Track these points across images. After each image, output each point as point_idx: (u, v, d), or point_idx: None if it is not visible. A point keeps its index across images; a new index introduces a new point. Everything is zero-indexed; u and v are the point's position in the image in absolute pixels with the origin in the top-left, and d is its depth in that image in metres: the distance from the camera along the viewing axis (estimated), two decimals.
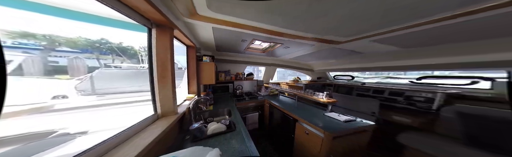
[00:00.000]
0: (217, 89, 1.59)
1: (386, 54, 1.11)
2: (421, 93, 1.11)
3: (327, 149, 0.69)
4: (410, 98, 1.17)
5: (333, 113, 0.93)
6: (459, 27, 0.62)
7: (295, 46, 1.19)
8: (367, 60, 1.33)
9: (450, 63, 0.88)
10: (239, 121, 0.78)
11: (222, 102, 1.23)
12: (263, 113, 1.44)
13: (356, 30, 0.78)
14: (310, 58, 1.69)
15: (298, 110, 1.01)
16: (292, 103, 1.25)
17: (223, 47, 1.29)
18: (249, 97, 1.47)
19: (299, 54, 1.49)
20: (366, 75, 1.95)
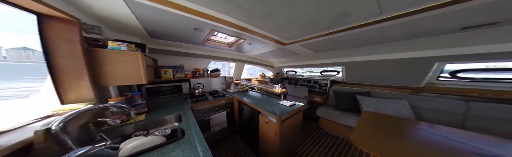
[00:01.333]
0: (159, 91, 1.08)
1: (307, 56, 1.63)
2: (323, 81, 1.84)
3: (279, 132, 0.78)
4: (320, 84, 1.86)
5: (284, 101, 1.04)
6: (339, 39, 0.97)
7: (257, 43, 1.19)
8: (300, 59, 1.83)
9: (333, 62, 1.59)
10: (192, 126, 0.64)
11: (167, 107, 0.93)
12: (232, 110, 1.34)
13: (293, 35, 0.94)
14: (270, 56, 1.84)
15: (262, 103, 1.03)
16: (259, 96, 1.25)
17: (163, 34, 0.92)
18: (213, 96, 1.26)
19: (261, 51, 1.55)
20: (304, 70, 2.64)
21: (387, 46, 1.05)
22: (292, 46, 1.27)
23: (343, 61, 1.48)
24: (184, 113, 0.85)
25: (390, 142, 0.57)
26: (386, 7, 0.57)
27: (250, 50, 1.53)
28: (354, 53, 1.30)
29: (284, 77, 2.59)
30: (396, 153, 0.50)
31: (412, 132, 0.66)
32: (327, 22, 0.71)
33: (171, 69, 1.18)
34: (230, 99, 1.33)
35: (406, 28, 0.74)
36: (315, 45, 1.20)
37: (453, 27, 0.72)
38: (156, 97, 1.07)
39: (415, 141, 0.59)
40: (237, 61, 1.89)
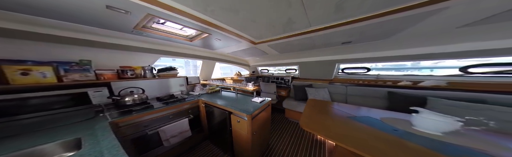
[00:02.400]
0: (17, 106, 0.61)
1: (275, 56, 1.76)
2: (287, 77, 2.18)
3: (250, 129, 0.77)
4: (285, 80, 2.20)
5: (256, 98, 1.04)
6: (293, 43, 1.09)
7: (228, 40, 1.07)
8: (270, 58, 1.97)
9: (292, 62, 1.84)
10: (107, 150, 0.44)
11: (52, 130, 0.57)
12: (199, 114, 1.15)
13: (259, 34, 0.94)
14: (244, 54, 1.77)
15: (235, 102, 0.97)
16: (233, 96, 1.17)
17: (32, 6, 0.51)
18: (165, 102, 0.96)
19: (234, 49, 1.43)
20: (275, 68, 2.87)
21: (317, 51, 1.44)
22: (261, 46, 1.28)
23: (297, 61, 1.83)
24: (91, 134, 0.55)
25: (323, 120, 0.74)
26: (313, 21, 0.70)
27: (221, 47, 1.34)
28: (304, 55, 1.65)
29: (258, 75, 2.75)
30: (326, 128, 0.65)
31: (329, 110, 0.91)
32: (281, 26, 0.78)
33: (48, 67, 0.65)
34: (195, 103, 1.12)
35: (322, 38, 1.00)
36: (278, 46, 1.29)
37: (338, 42, 1.11)
38: (13, 118, 0.61)
39: (332, 115, 0.81)
40: (204, 58, 1.56)
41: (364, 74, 1.57)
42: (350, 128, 0.65)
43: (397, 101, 1.05)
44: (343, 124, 0.69)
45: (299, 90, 1.70)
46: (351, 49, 1.27)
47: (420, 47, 0.99)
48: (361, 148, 0.49)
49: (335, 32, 0.84)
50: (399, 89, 1.14)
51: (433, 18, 0.65)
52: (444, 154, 0.44)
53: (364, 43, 1.12)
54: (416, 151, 0.47)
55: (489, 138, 0.53)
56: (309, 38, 0.98)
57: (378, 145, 0.50)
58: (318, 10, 0.59)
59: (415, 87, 1.09)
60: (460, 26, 0.73)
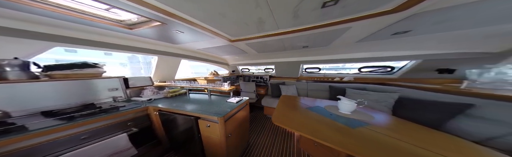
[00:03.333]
0: None
1: (254, 55, 1.73)
2: (265, 76, 2.34)
3: (224, 131, 0.70)
4: (263, 79, 2.34)
5: (232, 98, 0.95)
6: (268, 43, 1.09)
7: (193, 34, 0.88)
8: (250, 58, 1.94)
9: (269, 62, 1.93)
10: None
11: None
12: (151, 125, 0.90)
13: (233, 31, 0.87)
14: (221, 52, 1.59)
15: (206, 105, 0.85)
16: (205, 99, 1.02)
17: None
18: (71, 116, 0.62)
19: (207, 45, 1.22)
20: (255, 67, 2.89)
21: (288, 52, 1.60)
22: (239, 44, 1.19)
23: (273, 61, 1.95)
24: None
25: (289, 113, 0.79)
26: (280, 24, 0.72)
27: (188, 41, 1.09)
28: (278, 56, 1.77)
29: (239, 75, 2.67)
30: (291, 120, 0.70)
31: (296, 104, 1.01)
32: (255, 25, 0.75)
33: None
34: (141, 112, 0.85)
35: (289, 41, 1.07)
36: (256, 46, 1.25)
37: (299, 46, 1.23)
38: None
39: (296, 108, 0.90)
40: (160, 53, 1.20)
41: (317, 73, 1.99)
42: (306, 117, 0.77)
43: (334, 92, 1.47)
44: (302, 115, 0.81)
45: (275, 87, 1.89)
46: (309, 52, 1.48)
47: (343, 54, 1.40)
48: (310, 132, 0.59)
49: (296, 36, 0.92)
50: (334, 83, 1.60)
51: (346, 34, 0.87)
52: (351, 127, 0.63)
53: (315, 48, 1.32)
54: (339, 127, 0.64)
55: (366, 112, 0.84)
56: (280, 40, 1.02)
57: (320, 128, 0.64)
58: (282, 14, 0.61)
59: (341, 82, 1.59)
60: (357, 40, 1.03)
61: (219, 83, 1.17)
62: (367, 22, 0.69)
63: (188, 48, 1.37)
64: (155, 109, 0.91)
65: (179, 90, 1.15)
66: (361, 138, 0.55)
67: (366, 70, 1.58)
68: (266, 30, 0.85)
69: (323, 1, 0.51)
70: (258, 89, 1.98)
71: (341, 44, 1.16)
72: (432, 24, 0.70)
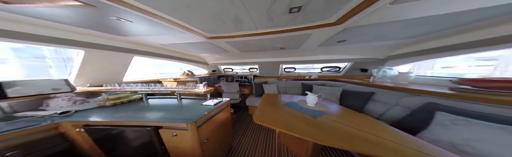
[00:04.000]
0: None
1: (237, 54, 1.60)
2: (249, 76, 2.31)
3: (198, 138, 0.60)
4: (248, 79, 2.31)
5: (210, 100, 0.86)
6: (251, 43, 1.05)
7: (150, 25, 0.69)
8: (232, 57, 1.79)
9: (253, 61, 1.87)
10: None
11: None
12: (72, 147, 0.65)
13: (207, 27, 0.77)
14: (197, 50, 1.37)
15: (174, 111, 0.72)
16: (170, 104, 0.85)
17: None
18: None
19: (174, 40, 1.00)
20: (239, 67, 2.76)
21: (270, 53, 1.62)
22: (218, 42, 1.07)
23: (257, 61, 1.93)
24: None
25: (269, 110, 0.80)
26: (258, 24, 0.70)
27: (140, 33, 0.84)
28: (262, 56, 1.76)
29: (221, 75, 2.47)
30: (270, 117, 0.71)
31: (276, 101, 1.04)
32: (232, 23, 0.69)
33: None
34: (44, 132, 0.58)
35: (269, 42, 1.07)
36: (237, 45, 1.17)
37: (277, 47, 1.25)
38: None
39: (276, 105, 0.93)
40: (89, 46, 0.85)
41: (293, 72, 2.23)
42: (283, 113, 0.81)
43: (304, 88, 1.74)
44: (280, 111, 0.85)
45: (259, 87, 1.93)
46: (286, 54, 1.55)
47: (310, 56, 1.63)
48: (285, 126, 0.61)
49: (274, 38, 0.94)
50: (305, 81, 1.88)
51: (309, 39, 0.97)
52: (313, 118, 0.72)
53: (290, 50, 1.39)
54: (306, 119, 0.71)
55: (324, 103, 1.00)
56: (260, 40, 1.01)
57: (293, 121, 0.68)
58: (258, 14, 0.60)
59: (309, 79, 1.90)
60: (318, 45, 1.16)
61: (192, 84, 0.99)
62: (321, 31, 0.81)
63: (144, 43, 1.06)
64: (76, 125, 0.64)
65: (128, 96, 0.89)
66: (321, 126, 0.63)
67: (325, 70, 1.99)
68: (246, 29, 0.81)
69: (289, 6, 0.54)
70: (242, 89, 1.89)
71: (308, 48, 1.27)
72: (355, 37, 0.92)
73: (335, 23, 0.69)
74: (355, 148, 0.47)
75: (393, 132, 0.58)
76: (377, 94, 1.13)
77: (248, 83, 2.31)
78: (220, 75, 2.49)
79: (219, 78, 2.42)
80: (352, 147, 0.47)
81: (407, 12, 0.56)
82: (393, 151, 0.45)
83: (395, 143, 0.49)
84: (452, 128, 0.57)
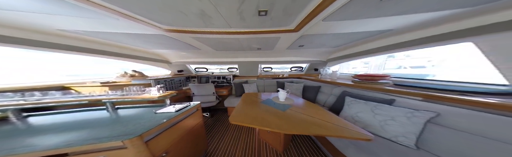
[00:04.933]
0: None
1: (211, 52, 1.43)
2: (227, 76, 2.15)
3: (148, 155, 0.46)
4: (226, 79, 2.15)
5: (171, 106, 0.71)
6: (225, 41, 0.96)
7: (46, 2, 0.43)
8: (206, 55, 1.57)
9: (232, 61, 1.75)
10: None
11: None
12: None
13: (166, 19, 0.62)
14: (149, 44, 1.05)
15: (99, 128, 0.51)
16: (94, 118, 0.61)
17: None
18: None
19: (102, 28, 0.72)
20: (220, 67, 2.43)
21: (249, 53, 1.58)
22: (182, 37, 0.88)
23: (237, 61, 1.83)
24: None
25: (247, 109, 0.83)
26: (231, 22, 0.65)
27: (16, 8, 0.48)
28: (241, 55, 1.67)
29: (191, 76, 2.08)
30: (248, 116, 0.73)
31: (255, 100, 1.10)
32: (196, 17, 0.60)
33: None
34: None
35: (246, 42, 1.03)
36: (211, 42, 1.04)
37: (255, 47, 1.25)
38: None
39: (254, 104, 0.98)
40: None
41: (270, 71, 2.38)
42: (260, 110, 0.84)
43: (278, 86, 1.96)
44: (257, 108, 0.88)
45: (239, 87, 1.88)
46: (263, 54, 1.58)
47: (281, 57, 1.81)
48: (260, 123, 0.64)
49: (249, 38, 0.92)
50: (279, 79, 2.10)
51: (279, 41, 1.03)
52: (282, 111, 0.81)
53: (266, 51, 1.42)
54: (277, 113, 0.78)
55: (292, 98, 1.18)
56: (236, 39, 0.96)
57: (267, 117, 0.73)
58: (228, 12, 0.56)
59: (282, 78, 2.17)
60: (286, 48, 1.26)
61: (138, 89, 0.76)
62: (286, 35, 0.87)
63: (26, 26, 0.66)
64: None
65: None
66: (288, 118, 0.72)
67: (293, 69, 2.34)
68: (218, 26, 0.73)
69: (257, 9, 0.54)
70: (220, 90, 1.73)
71: (279, 49, 1.36)
72: (309, 43, 1.10)
73: (295, 30, 0.77)
74: (310, 132, 0.57)
75: (329, 114, 0.77)
76: (322, 87, 1.55)
77: (227, 83, 2.16)
78: (190, 75, 2.08)
79: (188, 80, 2.01)
80: (308, 132, 0.58)
81: (332, 28, 0.77)
82: (327, 128, 0.61)
83: (328, 122, 0.67)
84: (351, 106, 0.90)
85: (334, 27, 0.74)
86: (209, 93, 1.56)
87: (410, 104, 0.71)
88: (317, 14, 0.56)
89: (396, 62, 1.60)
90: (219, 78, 2.17)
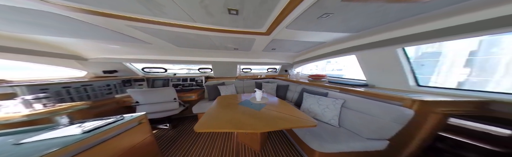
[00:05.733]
0: None
1: (169, 49, 1.17)
2: (197, 77, 1.83)
3: None
4: (197, 81, 1.81)
5: (75, 125, 0.49)
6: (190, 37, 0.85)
7: None
8: (161, 52, 1.26)
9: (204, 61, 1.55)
10: None
11: None
12: None
13: None
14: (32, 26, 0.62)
15: None
16: None
17: None
18: None
19: None
20: (189, 66, 2.00)
21: (226, 52, 1.45)
22: (111, 23, 0.64)
23: (211, 60, 1.61)
24: None
25: (221, 113, 0.78)
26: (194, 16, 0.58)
27: None
28: (216, 55, 1.49)
29: (134, 78, 1.51)
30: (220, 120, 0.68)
31: (232, 102, 1.06)
32: (137, 1, 0.47)
33: None
34: None
35: (219, 40, 0.96)
36: (166, 36, 0.85)
37: (231, 47, 1.21)
38: None
39: (230, 106, 0.94)
40: None
41: (250, 72, 2.42)
42: (236, 112, 0.82)
43: (257, 86, 2.04)
44: (233, 111, 0.85)
45: (212, 89, 1.69)
46: (241, 55, 1.56)
47: (258, 58, 1.90)
48: (235, 125, 0.62)
49: (222, 37, 0.87)
50: (257, 80, 2.20)
51: (255, 43, 1.05)
52: (257, 110, 0.84)
53: (244, 51, 1.41)
54: (253, 113, 0.80)
55: (267, 97, 1.25)
56: (205, 36, 0.86)
57: (243, 118, 0.71)
58: (187, 4, 0.49)
59: (260, 78, 2.28)
60: (262, 50, 1.32)
61: (22, 100, 0.48)
62: (260, 38, 0.91)
63: None
64: None
65: None
66: (263, 117, 0.74)
67: (269, 70, 2.57)
68: (174, 17, 0.61)
69: (226, 7, 0.51)
70: (186, 94, 1.46)
71: (256, 51, 1.40)
72: (279, 47, 1.20)
73: (266, 33, 0.81)
74: (279, 127, 0.63)
75: (293, 109, 0.88)
76: (290, 86, 1.86)
77: (197, 86, 1.85)
78: (133, 78, 1.50)
79: (130, 84, 1.44)
80: (277, 127, 0.63)
81: (293, 36, 0.89)
82: (290, 121, 0.69)
83: (292, 116, 0.76)
84: (307, 100, 1.12)
85: (294, 35, 0.86)
86: (167, 100, 1.23)
87: (335, 95, 1.04)
88: (281, 21, 0.62)
89: (331, 66, 2.49)
90: (185, 80, 1.78)
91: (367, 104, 0.81)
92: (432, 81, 1.32)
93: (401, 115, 0.65)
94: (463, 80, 1.28)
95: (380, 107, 0.74)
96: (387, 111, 0.69)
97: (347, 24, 0.68)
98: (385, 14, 0.56)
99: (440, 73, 1.75)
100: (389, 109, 0.69)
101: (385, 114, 0.69)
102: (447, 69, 1.64)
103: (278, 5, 0.50)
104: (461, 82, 1.27)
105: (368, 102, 0.81)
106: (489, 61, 1.34)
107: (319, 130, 0.84)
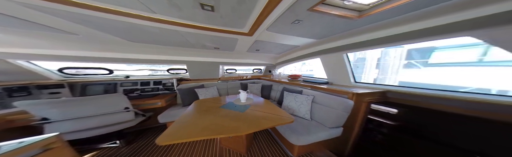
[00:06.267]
0: None
1: (112, 43, 0.92)
2: (168, 80, 1.51)
3: None
4: (165, 85, 1.48)
5: None
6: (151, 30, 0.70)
7: None
8: (94, 48, 0.94)
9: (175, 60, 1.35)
10: None
11: None
12: None
13: None
14: None
15: None
16: None
17: None
18: None
19: None
20: (151, 67, 1.54)
21: (205, 52, 1.30)
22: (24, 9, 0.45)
23: (185, 60, 1.38)
24: None
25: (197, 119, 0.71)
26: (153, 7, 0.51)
27: None
28: (191, 54, 1.29)
29: (43, 84, 1.00)
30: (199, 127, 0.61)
31: (213, 105, 1.00)
32: None
33: None
34: None
35: (193, 38, 0.88)
36: (110, 26, 0.67)
37: (211, 46, 1.19)
38: None
39: (210, 110, 0.87)
40: None
41: (235, 73, 2.31)
42: (217, 116, 0.77)
43: (242, 87, 1.98)
44: (213, 115, 0.80)
45: (187, 93, 1.45)
46: (223, 55, 1.49)
47: (242, 59, 1.85)
48: (214, 131, 0.57)
49: (197, 34, 0.80)
50: (243, 80, 2.13)
51: (238, 43, 1.04)
52: (241, 112, 0.82)
53: (226, 51, 1.36)
54: (237, 115, 0.78)
55: (251, 97, 1.29)
56: (175, 32, 0.77)
57: (225, 122, 0.67)
58: None
59: (246, 79, 2.25)
60: (246, 50, 1.34)
61: None
62: (243, 38, 0.91)
63: None
64: None
65: None
66: (247, 118, 0.74)
67: (255, 71, 2.61)
68: (123, 5, 0.52)
69: (198, 1, 0.48)
70: (148, 101, 1.18)
71: (240, 51, 1.46)
72: (262, 48, 1.26)
73: (249, 34, 0.82)
74: (262, 127, 0.64)
75: (275, 108, 0.93)
76: (273, 86, 2.00)
77: (167, 91, 1.52)
78: (38, 84, 0.99)
79: (28, 93, 0.94)
80: (261, 127, 0.64)
81: (273, 38, 0.95)
82: (272, 120, 0.73)
83: (274, 114, 0.80)
84: (286, 98, 1.18)
85: (274, 37, 0.92)
86: (112, 110, 0.90)
87: (308, 92, 1.18)
88: (262, 22, 0.64)
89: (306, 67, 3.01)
90: (146, 84, 1.40)
91: (328, 98, 0.98)
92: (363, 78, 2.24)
93: (347, 106, 0.85)
94: (375, 77, 2.52)
95: (335, 100, 0.91)
96: (340, 103, 0.88)
97: (312, 31, 0.80)
98: (335, 25, 0.71)
99: (366, 72, 2.99)
100: (341, 101, 0.88)
101: (339, 106, 0.87)
102: (369, 70, 2.92)
103: (256, 6, 0.51)
104: (375, 79, 2.51)
105: (329, 97, 0.98)
106: (385, 64, 2.80)
107: (296, 125, 0.92)
